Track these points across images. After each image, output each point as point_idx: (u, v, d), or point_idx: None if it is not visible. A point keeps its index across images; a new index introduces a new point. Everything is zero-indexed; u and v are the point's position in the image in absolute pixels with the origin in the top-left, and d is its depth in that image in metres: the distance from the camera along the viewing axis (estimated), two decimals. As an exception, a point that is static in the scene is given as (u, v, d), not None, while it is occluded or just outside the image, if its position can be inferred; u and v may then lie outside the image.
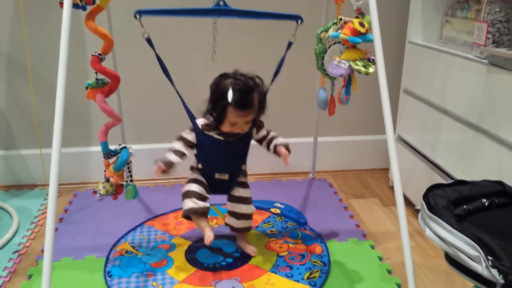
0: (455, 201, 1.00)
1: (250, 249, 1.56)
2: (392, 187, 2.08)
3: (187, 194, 1.45)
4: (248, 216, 1.54)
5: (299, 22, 1.44)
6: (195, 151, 1.49)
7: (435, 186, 1.04)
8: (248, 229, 1.57)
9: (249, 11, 1.40)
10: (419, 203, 1.38)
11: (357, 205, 1.94)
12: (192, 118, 1.47)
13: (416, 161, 1.80)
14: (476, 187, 1.06)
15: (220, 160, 1.48)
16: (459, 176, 1.53)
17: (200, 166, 1.49)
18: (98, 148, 2.02)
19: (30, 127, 2.02)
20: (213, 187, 1.51)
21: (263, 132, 1.51)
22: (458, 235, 0.88)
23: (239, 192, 1.52)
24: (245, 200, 1.52)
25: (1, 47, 1.93)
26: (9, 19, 1.89)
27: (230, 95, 1.31)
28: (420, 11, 1.78)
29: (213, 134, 1.44)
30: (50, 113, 1.98)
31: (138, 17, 1.35)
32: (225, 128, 1.40)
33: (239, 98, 1.33)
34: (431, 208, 0.97)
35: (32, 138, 2.04)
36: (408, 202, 1.83)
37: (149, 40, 1.40)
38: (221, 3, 1.38)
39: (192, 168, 1.53)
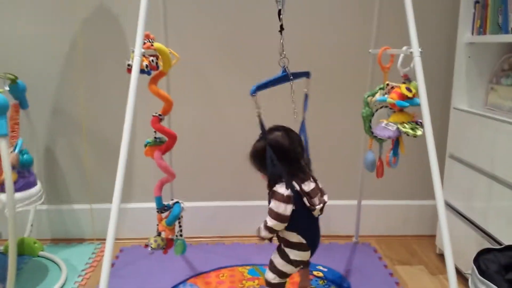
0: (507, 266, 0.98)
1: None
2: (440, 254, 2.02)
3: None
4: (265, 281, 1.50)
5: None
6: None
7: (486, 250, 1.03)
8: None
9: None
10: (468, 270, 1.34)
11: (403, 272, 1.89)
12: None
13: (464, 227, 1.76)
14: (528, 254, 1.04)
15: None
16: (509, 243, 1.48)
17: None
18: (139, 205, 2.14)
19: (82, 182, 2.12)
20: None
21: (270, 204, 1.39)
22: (513, 301, 0.86)
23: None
24: (269, 263, 1.48)
25: (59, 104, 2.07)
26: (68, 76, 2.04)
27: None
28: (464, 78, 1.81)
29: None
30: (100, 168, 2.11)
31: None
32: None
33: None
34: (482, 273, 0.95)
35: (83, 193, 2.13)
36: (456, 270, 1.76)
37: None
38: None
39: None
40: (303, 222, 1.41)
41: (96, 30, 2.00)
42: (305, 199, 1.39)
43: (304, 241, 1.41)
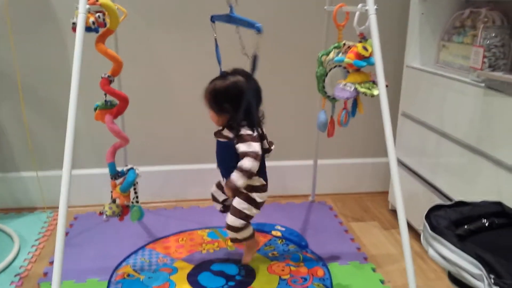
0: (457, 222, 1.02)
1: (244, 259, 1.62)
2: (392, 210, 2.09)
3: None
4: (229, 227, 1.46)
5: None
6: None
7: (437, 207, 1.06)
8: (233, 240, 1.51)
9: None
10: (420, 225, 1.40)
11: (357, 228, 1.95)
12: None
13: (415, 183, 1.82)
14: (476, 208, 1.08)
15: (217, 160, 1.51)
16: (458, 198, 1.53)
17: None
18: (88, 171, 2.07)
19: (28, 148, 2.02)
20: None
21: (240, 148, 1.38)
22: (461, 254, 0.90)
23: (231, 201, 1.48)
24: (231, 210, 1.46)
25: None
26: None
27: None
28: (417, 36, 1.82)
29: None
30: (46, 134, 2.02)
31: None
32: None
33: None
34: (433, 228, 0.98)
35: (30, 160, 2.03)
36: (407, 225, 1.83)
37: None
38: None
39: None
40: (262, 165, 1.45)
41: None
42: (264, 142, 1.45)
43: (264, 183, 1.47)
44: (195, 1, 1.95)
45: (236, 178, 1.36)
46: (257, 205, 1.46)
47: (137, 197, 1.49)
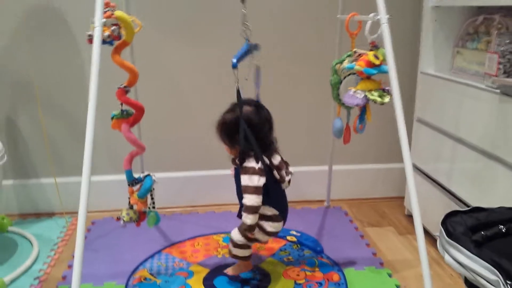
0: (473, 228, 1.02)
1: (228, 269, 1.61)
2: (408, 215, 2.09)
3: None
4: (230, 238, 1.48)
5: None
6: None
7: (453, 213, 1.06)
8: (228, 251, 1.52)
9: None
10: (436, 231, 1.40)
11: (373, 234, 1.95)
12: None
13: (431, 189, 1.82)
14: (493, 214, 1.08)
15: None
16: (474, 203, 1.53)
17: None
18: (114, 177, 2.11)
19: (46, 155, 2.06)
20: None
21: (241, 182, 1.39)
22: (477, 260, 0.90)
23: None
24: (240, 226, 1.46)
25: (13, 75, 2.00)
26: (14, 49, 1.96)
27: None
28: (431, 43, 1.82)
29: None
30: (64, 141, 2.06)
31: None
32: None
33: None
34: (449, 234, 0.98)
35: (48, 166, 2.07)
36: (424, 230, 1.83)
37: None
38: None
39: None
40: (275, 195, 1.45)
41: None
42: (275, 172, 1.43)
43: (278, 213, 1.45)
44: (206, 11, 1.99)
45: (244, 218, 1.39)
46: (267, 233, 1.46)
47: (153, 203, 1.52)
